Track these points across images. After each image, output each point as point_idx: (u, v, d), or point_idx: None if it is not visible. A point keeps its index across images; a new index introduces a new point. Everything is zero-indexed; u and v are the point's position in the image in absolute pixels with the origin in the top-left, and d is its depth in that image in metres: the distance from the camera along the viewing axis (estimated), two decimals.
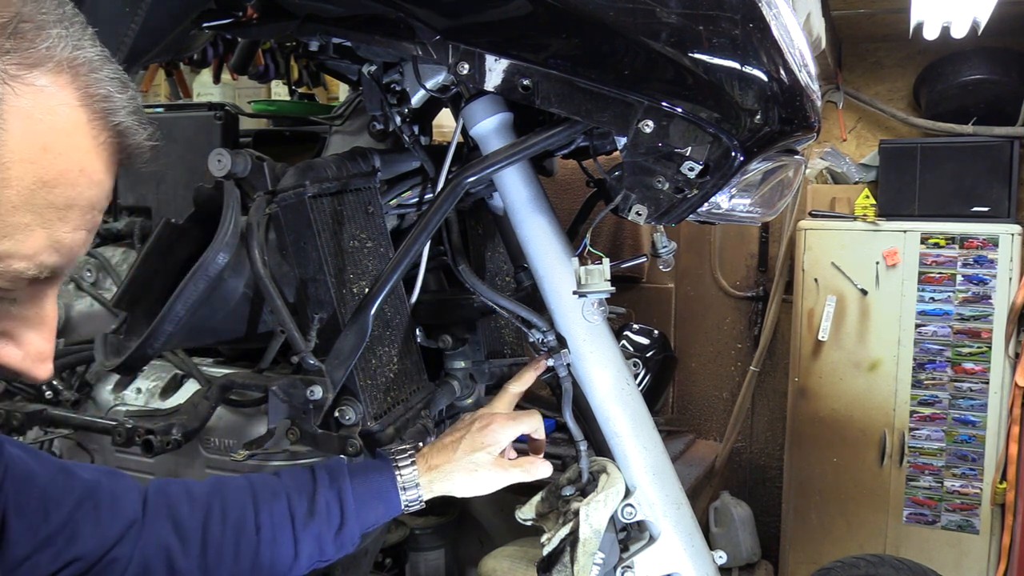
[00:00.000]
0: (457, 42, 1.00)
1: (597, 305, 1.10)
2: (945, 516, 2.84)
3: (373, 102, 1.26)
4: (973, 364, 2.77)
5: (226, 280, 1.15)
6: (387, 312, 1.21)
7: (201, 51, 2.21)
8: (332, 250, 1.15)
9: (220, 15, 1.17)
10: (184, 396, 1.38)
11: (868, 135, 3.23)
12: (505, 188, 1.16)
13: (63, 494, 0.88)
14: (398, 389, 1.21)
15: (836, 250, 2.89)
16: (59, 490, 0.88)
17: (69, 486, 0.89)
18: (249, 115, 1.98)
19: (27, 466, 0.86)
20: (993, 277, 2.72)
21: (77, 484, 0.90)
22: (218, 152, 1.13)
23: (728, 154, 0.93)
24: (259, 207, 1.14)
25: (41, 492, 0.86)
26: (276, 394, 1.10)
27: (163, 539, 0.94)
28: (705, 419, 3.47)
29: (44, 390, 1.43)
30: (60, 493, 0.87)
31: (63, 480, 0.89)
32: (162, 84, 3.97)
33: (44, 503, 0.86)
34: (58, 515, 0.86)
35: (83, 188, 0.55)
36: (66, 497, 0.88)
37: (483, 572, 2.16)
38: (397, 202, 1.34)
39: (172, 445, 1.13)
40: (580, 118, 0.98)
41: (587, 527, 1.08)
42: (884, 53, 3.20)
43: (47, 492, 0.86)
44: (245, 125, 1.80)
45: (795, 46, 1.00)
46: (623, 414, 1.14)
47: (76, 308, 1.67)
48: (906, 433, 2.85)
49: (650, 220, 0.99)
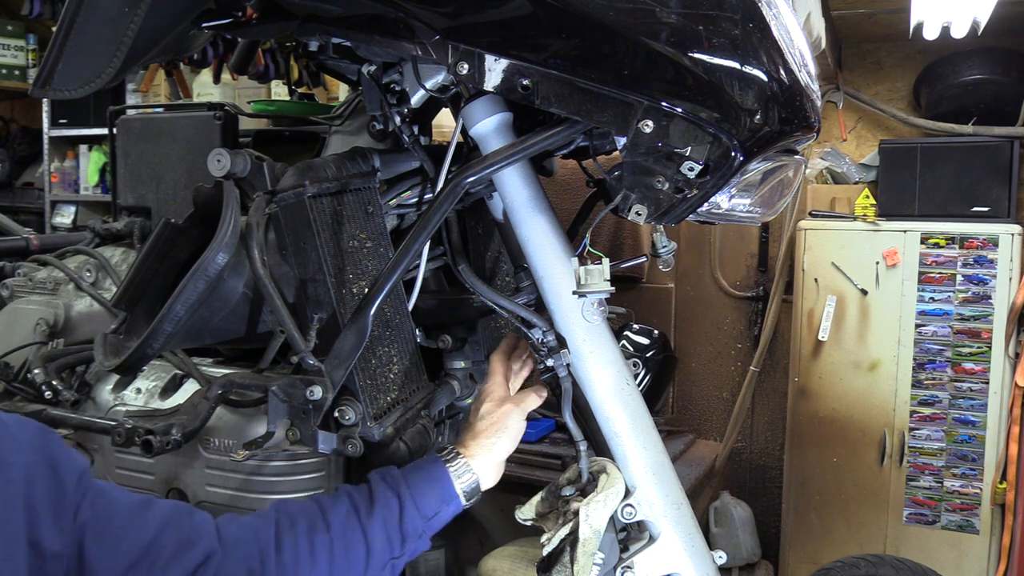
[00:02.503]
0: (457, 42, 1.00)
1: (597, 305, 1.10)
2: (945, 516, 2.84)
3: (373, 102, 1.26)
4: (973, 364, 2.77)
5: (226, 280, 1.15)
6: (387, 312, 1.21)
7: (201, 51, 2.21)
8: (332, 250, 1.15)
9: (220, 15, 1.17)
10: (184, 396, 1.38)
11: (868, 135, 3.23)
12: (505, 188, 1.16)
13: (145, 524, 0.90)
14: (398, 389, 1.21)
15: (836, 250, 2.89)
16: (141, 520, 0.90)
17: (150, 517, 0.91)
18: (249, 115, 1.98)
19: (109, 494, 0.89)
20: (993, 277, 2.72)
21: (158, 515, 0.92)
22: (218, 152, 1.13)
23: (728, 154, 0.93)
24: (259, 207, 1.14)
25: (124, 520, 0.88)
26: (276, 394, 1.10)
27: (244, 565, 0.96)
28: (705, 419, 3.46)
29: (44, 390, 1.43)
30: (142, 523, 0.90)
31: (145, 511, 0.91)
32: (162, 84, 3.98)
33: (126, 532, 0.88)
34: (140, 544, 0.88)
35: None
36: (147, 527, 0.90)
37: (483, 572, 2.16)
38: (397, 202, 1.34)
39: (172, 445, 1.13)
40: (580, 118, 0.98)
41: (587, 527, 1.08)
42: (884, 53, 3.20)
43: (130, 521, 0.89)
44: (245, 125, 1.80)
45: (795, 46, 1.00)
46: (623, 414, 1.14)
47: (76, 308, 1.67)
48: (906, 433, 2.85)
49: (650, 220, 0.99)
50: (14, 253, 1.98)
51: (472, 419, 1.17)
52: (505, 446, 1.13)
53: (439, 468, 1.09)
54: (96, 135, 4.30)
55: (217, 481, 1.33)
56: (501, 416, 1.14)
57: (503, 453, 1.14)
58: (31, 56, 4.52)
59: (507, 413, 1.15)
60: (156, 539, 0.90)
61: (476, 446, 1.12)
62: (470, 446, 1.12)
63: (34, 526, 0.78)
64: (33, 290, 1.74)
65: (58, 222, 4.48)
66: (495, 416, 1.14)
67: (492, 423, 1.14)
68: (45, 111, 4.46)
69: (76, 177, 4.49)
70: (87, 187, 4.43)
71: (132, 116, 1.79)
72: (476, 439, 1.13)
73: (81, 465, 0.86)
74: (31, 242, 2.03)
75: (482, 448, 1.12)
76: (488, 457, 1.12)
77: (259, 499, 1.31)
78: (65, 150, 4.52)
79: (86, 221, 4.14)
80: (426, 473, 1.08)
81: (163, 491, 1.37)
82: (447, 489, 1.08)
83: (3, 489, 0.77)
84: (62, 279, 1.72)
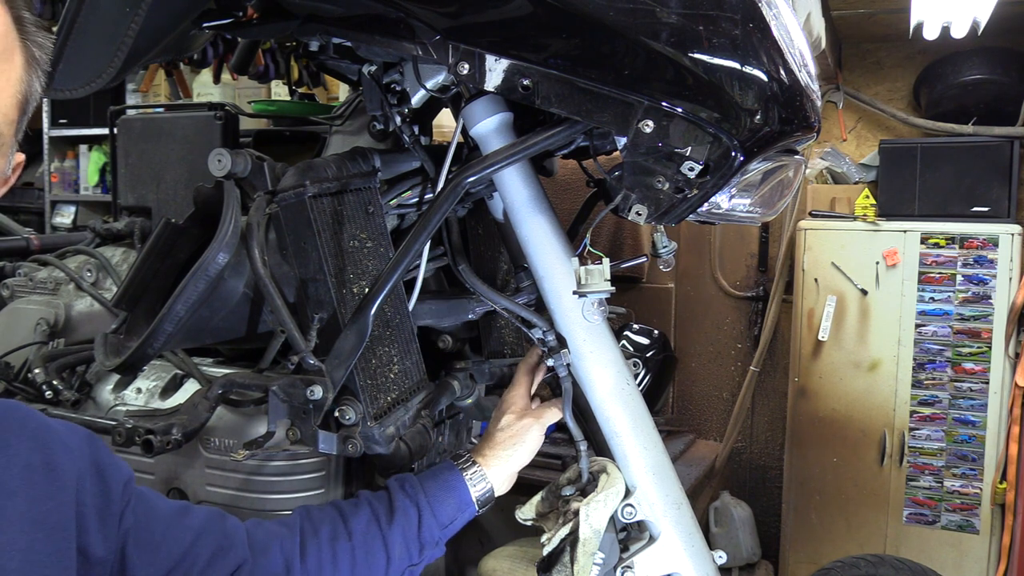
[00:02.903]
0: (457, 42, 1.00)
1: (597, 305, 1.10)
2: (945, 516, 2.84)
3: (373, 102, 1.26)
4: (973, 364, 2.77)
5: (226, 280, 1.15)
6: (387, 312, 1.21)
7: (201, 51, 2.21)
8: (332, 250, 1.15)
9: (220, 15, 1.17)
10: (184, 396, 1.38)
11: (868, 135, 3.23)
12: (505, 188, 1.16)
13: (183, 531, 0.91)
14: (398, 389, 1.21)
15: (836, 250, 2.89)
16: (180, 527, 0.91)
17: (188, 524, 0.92)
18: (249, 115, 1.98)
19: (151, 501, 0.90)
20: (993, 277, 2.72)
21: (195, 522, 0.93)
22: (218, 152, 1.13)
23: (728, 154, 0.93)
24: (259, 207, 1.14)
25: (164, 527, 0.89)
26: (276, 394, 1.10)
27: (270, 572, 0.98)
28: (705, 419, 3.46)
29: (44, 390, 1.43)
30: (181, 531, 0.91)
31: (183, 518, 0.93)
32: (162, 84, 3.98)
33: (165, 539, 0.89)
34: (178, 550, 0.90)
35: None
36: (185, 534, 0.91)
37: (483, 572, 2.16)
38: (397, 202, 1.34)
39: (172, 445, 1.13)
40: (580, 118, 0.98)
41: (587, 527, 1.08)
42: (884, 53, 3.20)
43: (169, 528, 0.90)
44: (245, 125, 1.80)
45: (795, 46, 1.00)
46: (623, 414, 1.14)
47: (76, 308, 1.67)
48: (906, 433, 2.85)
49: (650, 220, 0.99)
50: (14, 253, 1.98)
51: (492, 428, 1.19)
52: (522, 458, 1.16)
53: (456, 476, 1.11)
54: (96, 135, 4.30)
55: (217, 481, 1.33)
56: (521, 429, 1.16)
57: (518, 465, 1.16)
58: None
59: (527, 427, 1.17)
60: (193, 546, 0.91)
61: (493, 456, 1.14)
62: (487, 455, 1.14)
63: (83, 532, 0.79)
64: (33, 290, 1.74)
65: (58, 222, 4.48)
66: (515, 428, 1.17)
67: (512, 435, 1.16)
68: (45, 111, 4.46)
69: (76, 177, 4.49)
70: (87, 187, 4.43)
71: (132, 116, 1.79)
72: (494, 449, 1.15)
73: (127, 472, 0.87)
74: (31, 242, 2.03)
75: (499, 459, 1.14)
76: (503, 467, 1.14)
77: (259, 499, 1.31)
78: (65, 150, 4.52)
79: (86, 221, 4.14)
80: (443, 481, 1.11)
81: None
82: (463, 497, 1.10)
83: (55, 495, 0.77)
84: (62, 279, 1.72)
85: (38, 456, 0.77)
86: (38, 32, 0.70)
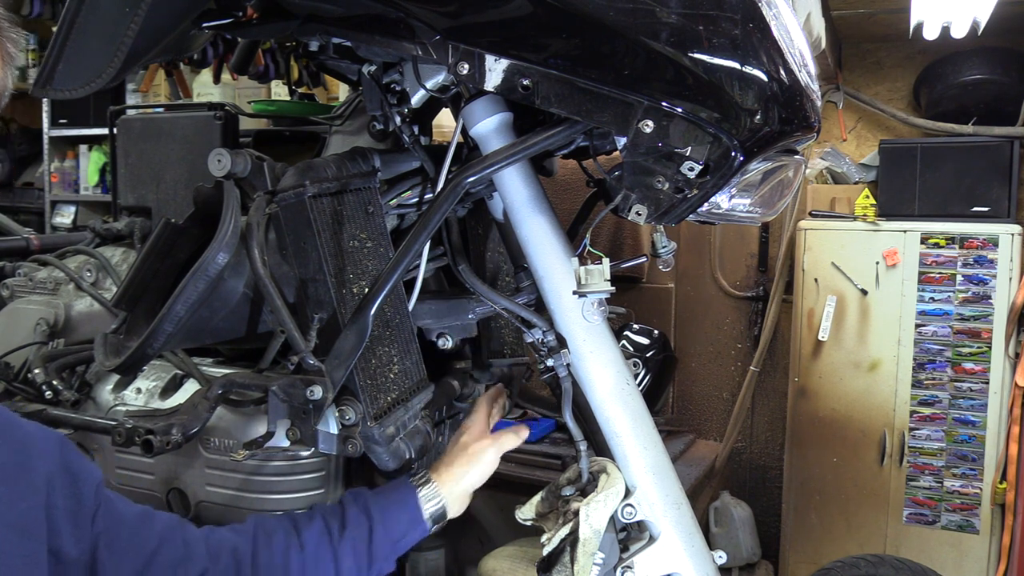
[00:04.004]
0: (457, 42, 1.00)
1: (597, 305, 1.10)
2: (945, 516, 2.84)
3: (373, 102, 1.26)
4: (973, 364, 2.77)
5: (226, 280, 1.15)
6: (387, 312, 1.21)
7: (201, 51, 2.21)
8: (332, 250, 1.15)
9: (220, 15, 1.17)
10: (184, 396, 1.37)
11: (868, 135, 3.23)
12: (505, 188, 1.16)
13: (148, 536, 0.93)
14: (398, 389, 1.21)
15: (836, 250, 2.89)
16: (144, 532, 0.93)
17: (152, 529, 0.94)
18: (249, 115, 1.98)
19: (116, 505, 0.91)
20: (993, 277, 2.72)
21: (158, 527, 0.95)
22: (218, 152, 1.13)
23: (728, 154, 0.93)
24: (259, 207, 1.14)
25: (130, 532, 0.91)
26: (276, 394, 1.10)
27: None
28: (705, 419, 3.46)
29: (44, 390, 1.43)
30: (146, 535, 0.93)
31: (147, 522, 0.94)
32: (162, 84, 3.98)
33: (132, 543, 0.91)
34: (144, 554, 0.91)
35: None
36: (150, 539, 0.93)
37: (483, 572, 2.16)
38: (397, 202, 1.34)
39: (172, 445, 1.13)
40: (580, 118, 0.98)
41: (587, 527, 1.08)
42: (884, 53, 3.20)
43: (135, 532, 0.91)
44: (245, 125, 1.80)
45: (795, 46, 1.00)
46: (623, 414, 1.14)
47: (76, 308, 1.66)
48: (906, 433, 2.85)
49: (650, 220, 0.99)
50: (14, 253, 1.98)
51: (449, 447, 1.21)
52: (474, 479, 1.17)
53: (409, 492, 1.13)
54: (96, 135, 4.30)
55: (217, 481, 1.33)
56: (477, 450, 1.18)
57: (471, 485, 1.17)
58: (31, 56, 4.52)
59: (484, 448, 1.18)
60: (157, 551, 0.93)
61: (448, 474, 1.15)
62: (442, 473, 1.16)
63: (55, 534, 0.80)
64: (33, 290, 1.74)
65: (58, 222, 4.48)
66: (472, 449, 1.18)
67: (468, 455, 1.17)
68: (45, 111, 4.46)
69: (76, 177, 4.49)
70: (87, 187, 4.43)
71: (132, 116, 1.79)
72: (449, 468, 1.16)
73: (97, 475, 0.89)
74: (31, 242, 2.03)
75: (453, 476, 1.15)
76: (457, 486, 1.15)
77: (259, 499, 1.31)
78: (65, 150, 4.52)
79: (86, 221, 4.14)
80: (396, 496, 1.12)
81: (163, 491, 1.36)
82: (415, 513, 1.11)
83: (27, 496, 0.78)
84: (62, 279, 1.72)
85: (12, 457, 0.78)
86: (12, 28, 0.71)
